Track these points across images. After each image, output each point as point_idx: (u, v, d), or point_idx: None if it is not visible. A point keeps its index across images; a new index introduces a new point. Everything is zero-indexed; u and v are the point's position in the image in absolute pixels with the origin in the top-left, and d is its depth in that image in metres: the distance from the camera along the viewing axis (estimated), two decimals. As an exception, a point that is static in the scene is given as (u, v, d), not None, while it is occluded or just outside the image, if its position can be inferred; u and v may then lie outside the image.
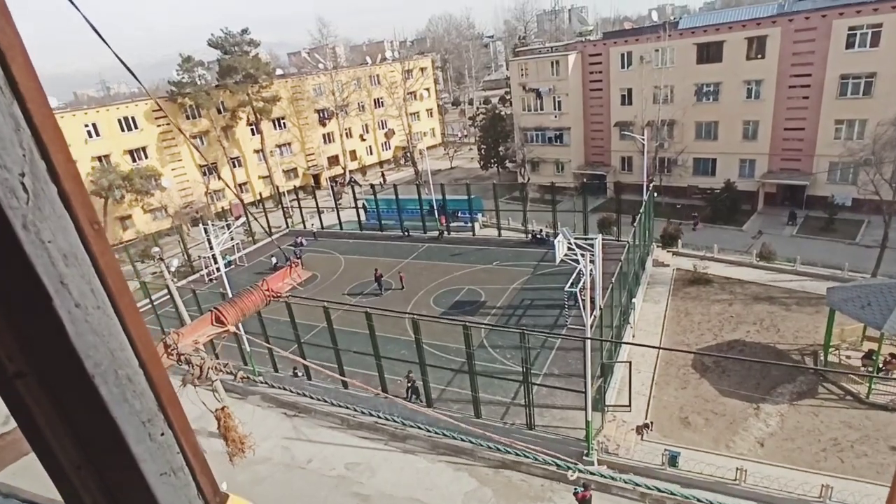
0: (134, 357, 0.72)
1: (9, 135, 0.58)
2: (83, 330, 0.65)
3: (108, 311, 0.69)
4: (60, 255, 0.63)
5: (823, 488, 14.85)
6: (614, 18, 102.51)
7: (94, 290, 0.67)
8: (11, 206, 0.58)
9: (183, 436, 0.77)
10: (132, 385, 0.71)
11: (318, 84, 59.95)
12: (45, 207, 0.62)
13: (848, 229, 33.86)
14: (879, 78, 33.11)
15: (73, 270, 0.64)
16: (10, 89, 0.58)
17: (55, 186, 0.63)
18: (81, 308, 0.65)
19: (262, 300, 4.35)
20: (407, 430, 19.96)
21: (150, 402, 0.74)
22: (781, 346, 22.47)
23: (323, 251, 38.39)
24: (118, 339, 0.70)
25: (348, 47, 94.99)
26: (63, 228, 0.63)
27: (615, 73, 44.18)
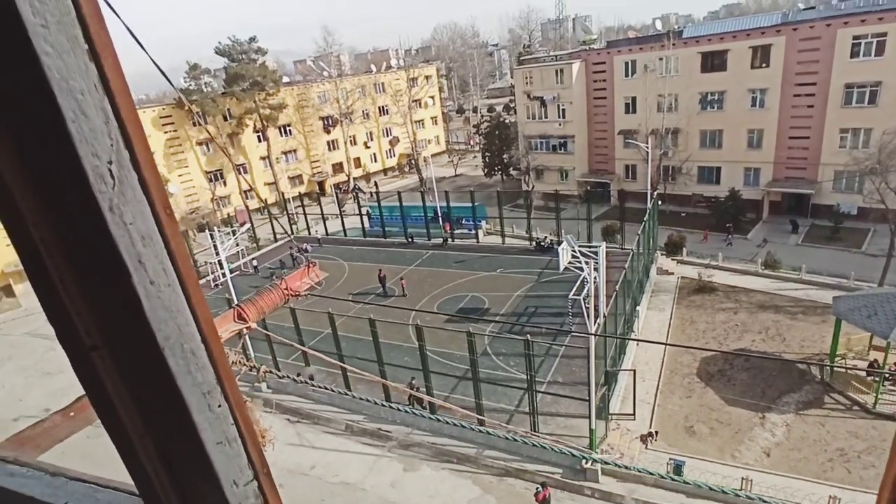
0: (197, 332, 0.77)
1: (100, 127, 0.65)
2: (156, 305, 0.71)
3: (176, 288, 0.75)
4: (139, 236, 0.69)
5: (831, 499, 14.71)
6: (618, 27, 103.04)
7: (165, 270, 0.73)
8: (101, 190, 0.65)
9: (237, 409, 0.83)
10: (195, 358, 0.77)
11: (323, 91, 60.41)
12: (128, 192, 0.68)
13: (854, 238, 33.73)
14: (885, 87, 33.13)
15: (149, 250, 0.70)
16: (102, 86, 0.65)
17: (136, 174, 0.69)
18: (155, 285, 0.71)
19: (281, 298, 4.53)
20: (409, 437, 19.91)
21: (210, 375, 0.79)
22: (788, 355, 22.35)
23: (327, 257, 38.49)
24: (185, 315, 0.76)
25: (353, 55, 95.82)
26: (141, 212, 0.70)
27: (619, 81, 44.35)
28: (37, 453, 1.43)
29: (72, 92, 0.62)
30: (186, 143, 50.23)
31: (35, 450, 1.45)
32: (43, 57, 0.59)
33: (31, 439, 1.49)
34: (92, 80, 0.64)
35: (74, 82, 0.62)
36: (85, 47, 0.63)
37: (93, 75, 0.64)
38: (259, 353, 23.23)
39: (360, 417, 21.08)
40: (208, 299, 9.09)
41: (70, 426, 1.59)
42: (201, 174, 51.70)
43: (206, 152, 52.14)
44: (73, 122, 0.62)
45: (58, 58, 0.61)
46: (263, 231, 45.00)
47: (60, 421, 1.57)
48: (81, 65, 0.63)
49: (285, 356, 24.35)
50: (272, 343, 22.15)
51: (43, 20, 0.59)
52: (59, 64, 0.61)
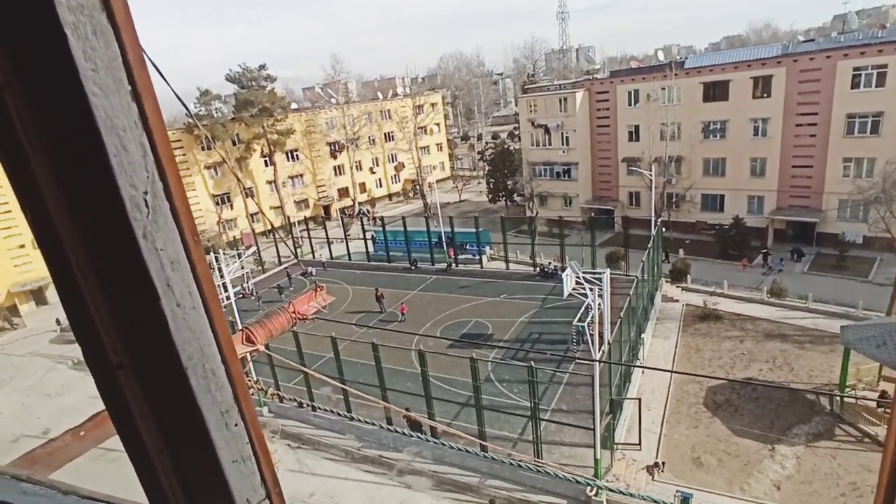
0: (218, 353, 0.81)
1: (138, 160, 0.71)
2: (181, 327, 0.76)
3: (200, 311, 0.79)
4: (169, 261, 0.74)
5: (843, 535, 14.33)
6: (621, 58, 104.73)
7: (191, 293, 0.78)
8: (136, 218, 0.70)
9: (252, 428, 0.86)
10: (215, 378, 0.81)
11: (331, 118, 61.45)
12: (160, 220, 0.74)
13: (860, 267, 33.56)
14: (887, 117, 33.41)
15: (177, 275, 0.76)
16: (142, 124, 0.71)
17: (168, 203, 0.75)
18: (182, 307, 0.76)
19: (289, 321, 4.54)
20: (411, 464, 19.60)
21: (228, 394, 0.83)
22: (796, 385, 22.04)
23: (332, 281, 38.51)
24: (207, 337, 0.80)
25: (360, 83, 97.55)
26: (172, 239, 0.75)
27: (622, 110, 44.90)
28: (48, 472, 1.46)
29: (115, 129, 0.67)
30: (194, 167, 50.94)
31: (46, 468, 1.47)
32: (91, 97, 0.65)
33: (42, 458, 1.52)
34: (133, 118, 0.70)
35: (118, 120, 0.68)
36: (128, 88, 0.69)
37: (134, 114, 0.70)
38: (260, 375, 23.07)
39: (361, 444, 20.81)
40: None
41: (80, 446, 1.61)
42: (208, 197, 52.28)
43: (214, 176, 52.84)
44: (114, 157, 0.67)
45: (105, 98, 0.66)
46: (268, 254, 45.21)
47: (71, 440, 1.60)
48: (125, 104, 0.69)
49: (287, 380, 24.18)
50: (274, 366, 22.04)
51: (94, 65, 0.65)
52: (105, 104, 0.66)
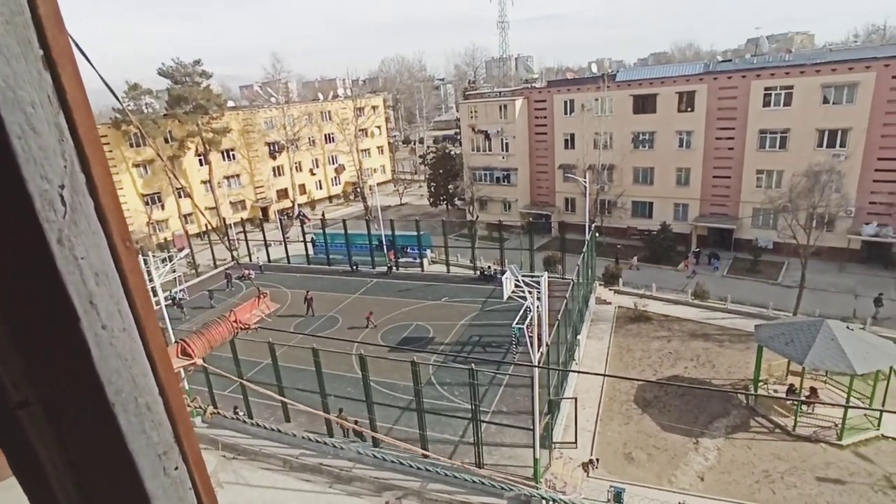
0: (155, 384, 0.68)
1: (52, 145, 0.56)
2: (108, 353, 0.62)
3: (133, 333, 0.66)
4: (92, 272, 0.60)
5: (758, 519, 15.45)
6: (557, 68, 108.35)
7: (121, 312, 0.64)
8: (49, 219, 0.56)
9: (196, 469, 0.74)
10: (151, 414, 0.67)
11: (270, 117, 59.68)
12: (82, 222, 0.60)
13: (771, 270, 36.40)
14: (793, 133, 36.48)
15: (103, 290, 0.61)
16: (57, 99, 0.57)
17: (92, 201, 0.61)
18: (108, 330, 0.62)
19: (230, 331, 4.26)
20: (352, 471, 19.32)
21: (168, 433, 0.70)
22: (717, 381, 23.56)
23: (269, 284, 37.29)
24: (141, 364, 0.66)
25: (301, 83, 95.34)
26: (97, 245, 0.61)
27: (559, 118, 46.44)
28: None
29: (20, 103, 0.54)
30: (122, 164, 47.91)
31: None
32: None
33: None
34: (46, 92, 0.57)
35: (24, 92, 0.54)
36: (39, 53, 0.56)
37: (47, 86, 0.57)
38: (194, 384, 22.03)
39: (300, 452, 20.28)
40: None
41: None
42: (137, 197, 49.28)
43: (143, 174, 49.92)
44: (18, 139, 0.54)
45: (4, 63, 0.53)
46: (203, 257, 43.22)
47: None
48: (34, 73, 0.55)
49: (222, 388, 23.19)
50: (209, 375, 21.07)
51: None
52: (5, 70, 0.52)
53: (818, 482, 17.52)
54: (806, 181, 29.23)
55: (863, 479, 17.46)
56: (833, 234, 34.34)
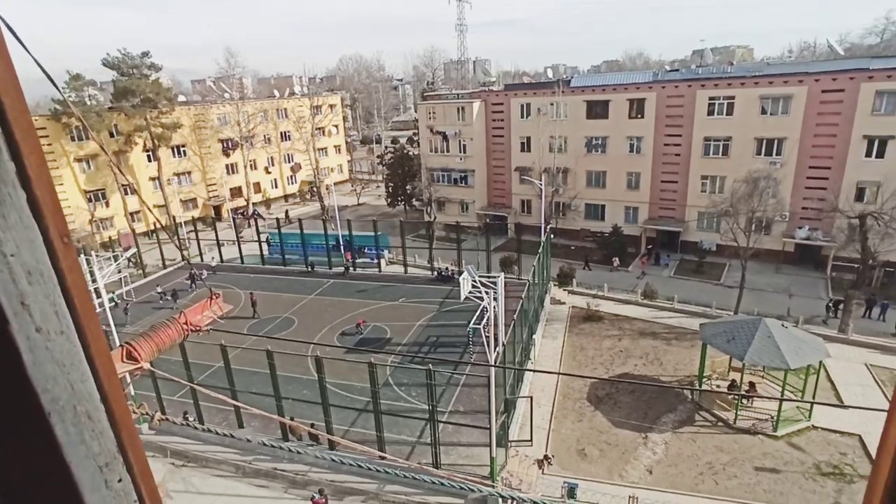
0: (96, 390, 0.62)
1: None
2: (42, 359, 0.56)
3: (71, 336, 0.60)
4: (24, 270, 0.55)
5: (701, 508, 16.22)
6: (514, 72, 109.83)
7: (58, 313, 0.59)
8: None
9: (142, 481, 0.69)
10: (91, 423, 0.61)
11: (223, 113, 57.97)
12: (11, 215, 0.54)
13: (714, 271, 38.20)
14: (734, 141, 38.43)
15: (36, 289, 0.56)
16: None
17: (24, 192, 0.55)
18: (42, 333, 0.57)
19: (179, 334, 4.10)
20: (307, 475, 19.04)
21: (110, 442, 0.64)
22: (664, 378, 24.54)
23: (222, 285, 36.22)
24: (80, 370, 0.60)
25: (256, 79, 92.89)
26: (30, 240, 0.56)
27: (515, 121, 47.20)
28: None
29: None
30: (62, 158, 45.40)
31: None
32: None
33: None
34: None
35: None
36: None
37: None
38: (140, 389, 21.15)
39: (253, 457, 19.82)
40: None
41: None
42: (79, 193, 46.78)
43: (86, 169, 47.43)
44: None
45: None
46: (151, 256, 41.54)
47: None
48: None
49: (171, 393, 22.38)
50: (157, 379, 20.31)
51: None
52: None
53: (756, 472, 18.54)
54: (746, 187, 30.85)
55: (796, 468, 18.61)
56: (770, 237, 36.41)
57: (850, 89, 34.37)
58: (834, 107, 35.05)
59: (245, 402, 20.40)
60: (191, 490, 18.51)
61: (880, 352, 25.53)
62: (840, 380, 23.37)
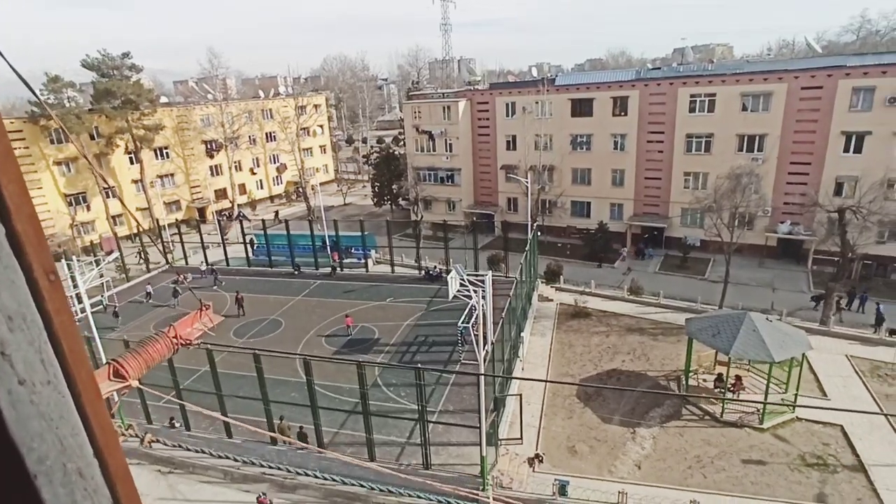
0: (88, 444, 0.56)
1: None
2: (27, 414, 0.49)
3: (60, 386, 0.54)
4: (4, 316, 0.48)
5: (692, 503, 16.37)
6: (499, 71, 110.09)
7: (44, 361, 0.52)
8: None
9: None
10: (84, 482, 0.54)
11: (207, 115, 57.33)
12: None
13: (698, 266, 38.64)
14: (716, 138, 38.89)
15: (19, 336, 0.49)
16: None
17: (3, 227, 0.49)
18: (27, 385, 0.50)
19: (169, 348, 3.97)
20: (297, 478, 18.89)
21: (105, 500, 0.58)
22: (651, 373, 24.75)
23: (209, 288, 35.79)
24: (70, 422, 0.54)
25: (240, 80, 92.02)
26: (10, 281, 0.49)
27: (501, 120, 47.29)
28: None
29: None
30: (41, 162, 44.52)
31: None
32: None
33: None
34: None
35: None
36: None
37: None
38: (124, 396, 20.78)
39: (241, 462, 19.61)
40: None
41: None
42: (59, 197, 45.95)
43: (66, 173, 46.60)
44: None
45: None
46: (135, 261, 40.97)
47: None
48: None
49: (156, 398, 22.02)
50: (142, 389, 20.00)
51: None
52: None
53: (743, 464, 18.78)
54: (728, 183, 31.23)
55: (781, 459, 18.88)
56: (753, 232, 36.92)
57: (828, 86, 34.96)
58: (813, 103, 35.63)
59: (233, 407, 20.21)
60: (178, 498, 18.26)
61: (860, 343, 26.01)
62: (822, 371, 23.77)
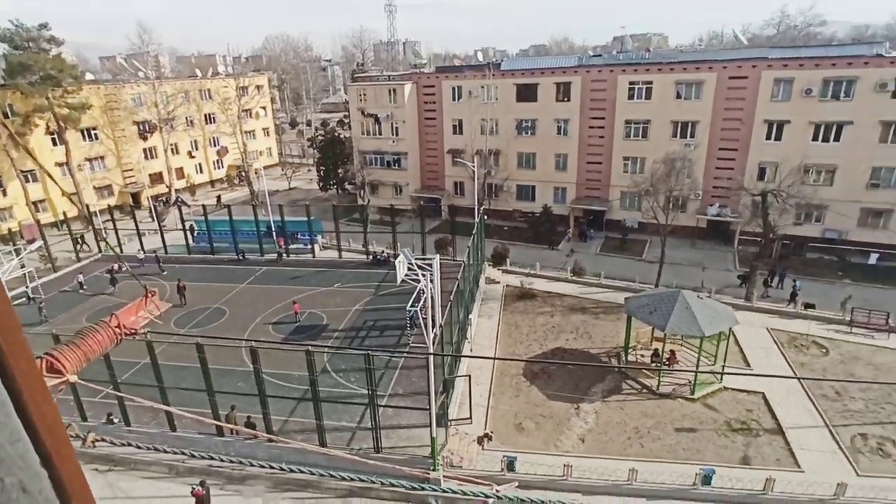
0: (33, 452, 0.48)
1: None
2: None
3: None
4: None
5: (630, 472, 17.40)
6: (445, 55, 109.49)
7: None
8: None
9: None
10: (28, 498, 0.46)
11: (138, 94, 54.02)
12: None
13: (637, 248, 40.44)
14: (652, 125, 40.52)
15: None
16: None
17: None
18: None
19: (112, 340, 3.60)
20: (245, 469, 18.63)
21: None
22: (594, 350, 25.88)
23: (146, 276, 34.14)
24: (8, 428, 0.46)
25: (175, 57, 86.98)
26: None
27: (447, 104, 47.27)
28: None
29: None
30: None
31: None
32: None
33: None
34: None
35: None
36: None
37: None
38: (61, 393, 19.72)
39: (187, 455, 19.09)
40: None
41: None
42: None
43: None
44: None
45: None
46: (61, 248, 38.48)
47: None
48: None
49: (91, 394, 21.01)
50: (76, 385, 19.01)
51: None
52: None
53: (677, 433, 20.09)
54: (664, 167, 32.70)
55: (710, 426, 20.33)
56: (685, 215, 38.97)
57: (753, 77, 37.07)
58: (739, 92, 37.71)
59: (176, 399, 19.59)
60: (119, 496, 17.62)
61: (779, 316, 28.17)
62: (746, 343, 25.63)
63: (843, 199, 36.09)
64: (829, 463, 18.25)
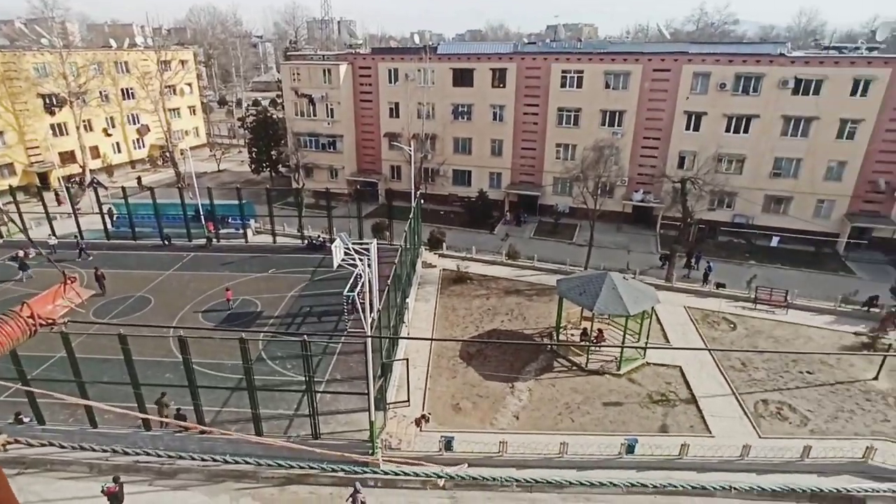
0: None
1: None
2: None
3: None
4: None
5: (561, 445, 18.35)
6: (381, 36, 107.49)
7: None
8: None
9: None
10: None
11: (42, 63, 49.27)
12: None
13: (568, 232, 42.04)
14: (583, 113, 41.96)
15: None
16: None
17: None
18: None
19: (24, 331, 3.21)
20: (176, 463, 18.01)
21: None
22: (528, 331, 26.82)
23: (61, 264, 31.67)
24: None
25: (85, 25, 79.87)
26: None
27: (384, 86, 46.64)
28: None
29: None
30: None
31: None
32: None
33: None
34: None
35: None
36: None
37: None
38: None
39: (110, 453, 18.17)
40: None
41: None
42: None
43: None
44: None
45: None
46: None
47: None
48: None
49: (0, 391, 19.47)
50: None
51: None
52: None
53: (604, 407, 21.32)
54: (593, 154, 34.08)
55: (634, 399, 21.74)
56: (613, 200, 40.86)
57: (674, 70, 39.15)
58: (662, 84, 39.74)
59: (97, 394, 18.54)
60: (32, 500, 16.52)
61: (695, 295, 30.35)
62: (666, 321, 27.47)
63: (750, 186, 39.16)
64: (735, 427, 20.07)
